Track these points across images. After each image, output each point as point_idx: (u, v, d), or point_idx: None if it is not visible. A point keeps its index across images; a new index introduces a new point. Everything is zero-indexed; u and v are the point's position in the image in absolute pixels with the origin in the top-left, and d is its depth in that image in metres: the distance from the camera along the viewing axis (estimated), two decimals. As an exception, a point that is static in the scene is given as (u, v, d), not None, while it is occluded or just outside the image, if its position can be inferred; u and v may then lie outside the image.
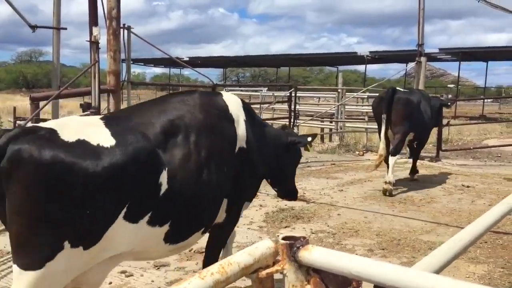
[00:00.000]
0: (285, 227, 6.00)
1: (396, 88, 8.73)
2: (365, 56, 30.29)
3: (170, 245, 2.87)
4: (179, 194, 2.71)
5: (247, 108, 3.52)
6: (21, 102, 22.92)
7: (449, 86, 44.57)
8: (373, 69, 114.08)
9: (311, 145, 4.17)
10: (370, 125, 13.62)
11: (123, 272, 4.39)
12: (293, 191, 4.31)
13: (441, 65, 60.55)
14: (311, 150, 4.44)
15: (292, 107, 11.94)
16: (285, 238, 1.39)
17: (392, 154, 8.53)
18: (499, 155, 13.03)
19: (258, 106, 15.47)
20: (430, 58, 28.35)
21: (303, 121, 14.47)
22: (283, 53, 38.46)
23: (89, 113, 6.61)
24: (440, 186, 8.78)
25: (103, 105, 7.06)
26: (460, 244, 1.71)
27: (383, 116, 8.20)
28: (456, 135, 16.87)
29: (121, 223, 2.44)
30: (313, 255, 1.32)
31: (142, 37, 8.25)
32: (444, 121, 12.12)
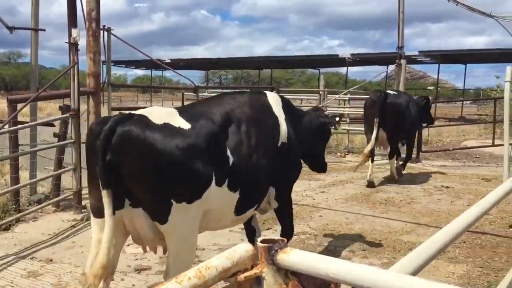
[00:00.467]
0: (267, 229, 6.01)
1: (387, 92, 8.98)
2: (346, 59, 30.44)
3: (235, 216, 3.60)
4: (240, 169, 3.41)
5: (286, 103, 4.23)
6: (-1, 104, 22.51)
7: (428, 88, 45.07)
8: (355, 71, 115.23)
9: (339, 124, 4.84)
10: (352, 127, 13.72)
11: (103, 276, 4.33)
12: (323, 165, 4.95)
13: (421, 67, 61.34)
14: (339, 129, 5.40)
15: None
16: (263, 241, 1.38)
17: (390, 157, 9.07)
18: (477, 156, 13.25)
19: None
20: (410, 60, 28.65)
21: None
22: (265, 55, 38.33)
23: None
24: (420, 186, 8.90)
25: (83, 107, 6.97)
26: (437, 245, 1.73)
27: (375, 120, 8.39)
28: (435, 136, 17.10)
29: (213, 186, 3.18)
30: (292, 258, 1.32)
31: (123, 39, 8.17)
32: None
